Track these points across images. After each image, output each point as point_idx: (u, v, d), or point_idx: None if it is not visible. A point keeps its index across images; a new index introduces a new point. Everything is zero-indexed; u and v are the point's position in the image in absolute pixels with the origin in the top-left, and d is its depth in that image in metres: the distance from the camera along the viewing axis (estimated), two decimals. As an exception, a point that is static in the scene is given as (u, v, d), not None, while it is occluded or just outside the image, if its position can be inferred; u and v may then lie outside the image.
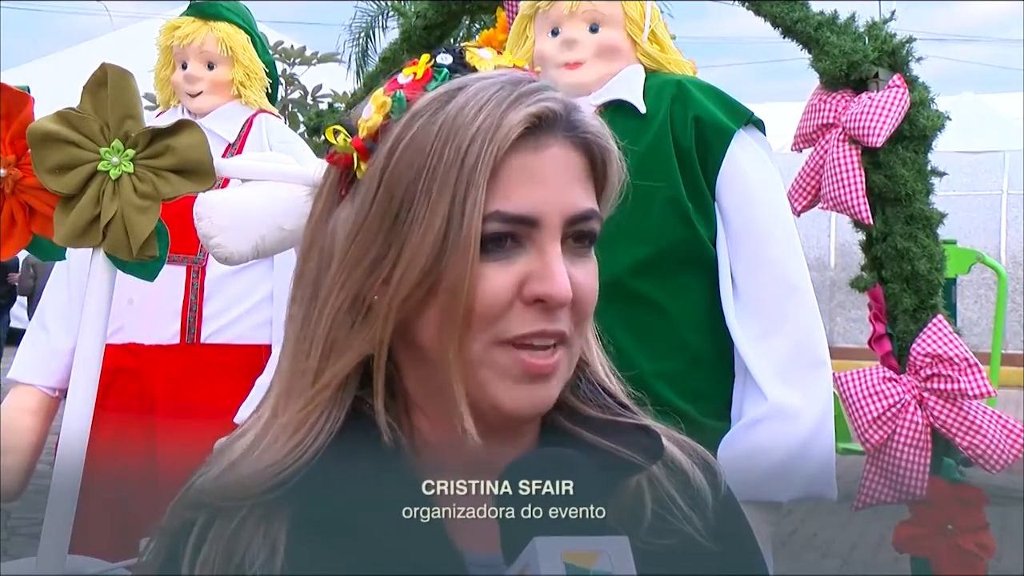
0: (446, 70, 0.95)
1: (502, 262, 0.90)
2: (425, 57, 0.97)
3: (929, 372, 2.58)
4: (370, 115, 0.94)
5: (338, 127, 0.97)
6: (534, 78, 0.94)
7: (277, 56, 7.43)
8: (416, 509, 0.92)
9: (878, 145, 2.60)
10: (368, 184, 0.93)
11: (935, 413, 2.58)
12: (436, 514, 0.92)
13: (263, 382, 2.52)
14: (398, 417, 0.95)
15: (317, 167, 1.94)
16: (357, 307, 0.93)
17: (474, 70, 0.95)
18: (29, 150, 1.89)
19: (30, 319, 2.85)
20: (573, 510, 0.83)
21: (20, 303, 14.10)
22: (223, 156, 2.66)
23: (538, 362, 0.91)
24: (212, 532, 0.93)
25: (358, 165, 0.95)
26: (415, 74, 0.95)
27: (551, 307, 0.90)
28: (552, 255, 0.91)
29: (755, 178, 2.08)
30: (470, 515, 0.94)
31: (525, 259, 0.91)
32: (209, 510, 0.94)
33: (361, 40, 10.30)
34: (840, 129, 2.66)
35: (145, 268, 1.93)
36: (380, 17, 10.24)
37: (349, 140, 0.95)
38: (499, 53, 0.99)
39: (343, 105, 5.02)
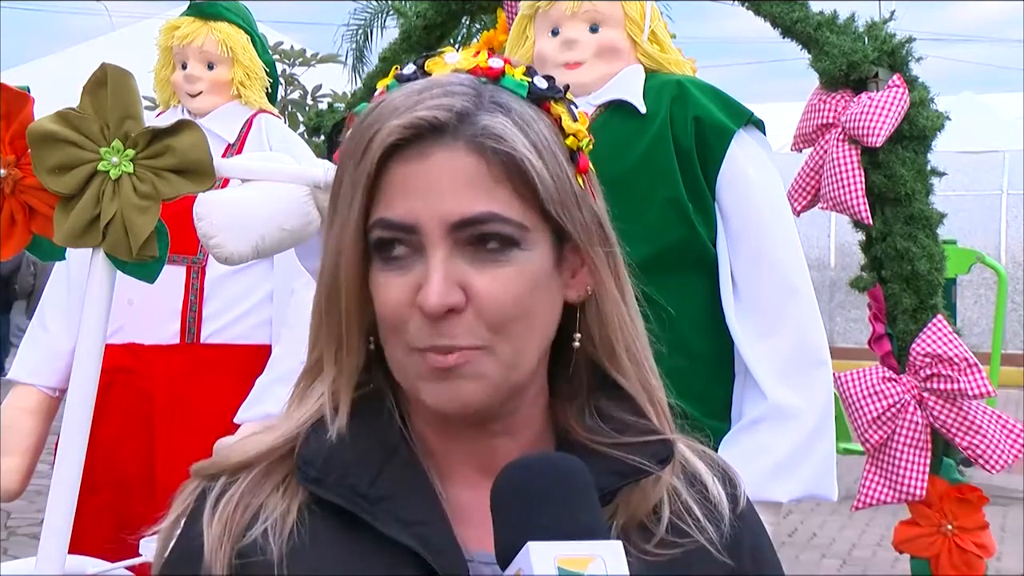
0: (394, 83, 0.97)
1: (400, 271, 0.92)
2: (394, 69, 0.99)
3: (929, 372, 2.58)
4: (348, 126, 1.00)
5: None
6: (449, 83, 0.94)
7: (277, 56, 7.42)
8: (423, 502, 0.93)
9: (878, 145, 2.60)
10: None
11: (935, 413, 2.57)
12: (440, 508, 0.93)
13: (263, 382, 2.52)
14: (404, 411, 0.98)
15: (326, 169, 1.95)
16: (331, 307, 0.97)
17: (429, 76, 0.97)
18: (29, 150, 1.89)
19: (28, 319, 2.85)
20: (570, 513, 0.83)
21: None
22: (223, 156, 2.66)
23: (438, 358, 0.91)
24: (232, 488, 0.95)
25: None
26: (385, 86, 0.98)
27: (429, 317, 0.90)
28: (431, 265, 0.91)
29: (755, 178, 2.08)
30: (473, 513, 0.94)
31: (419, 268, 0.92)
32: (230, 472, 0.97)
33: (359, 39, 10.29)
34: (840, 129, 2.66)
35: (145, 268, 1.93)
36: (379, 17, 10.23)
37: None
38: (475, 55, 0.98)
39: (343, 105, 5.02)
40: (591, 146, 1.00)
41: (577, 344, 0.99)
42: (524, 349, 0.94)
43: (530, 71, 0.97)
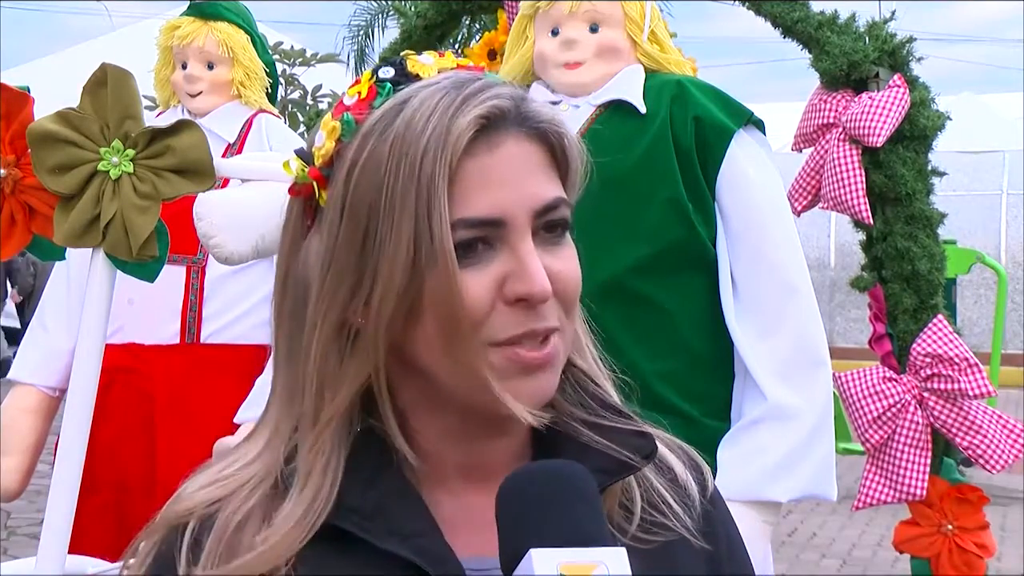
0: (389, 84, 0.93)
1: (476, 267, 0.90)
2: (367, 74, 0.96)
3: (929, 372, 2.58)
4: (322, 142, 0.93)
5: (294, 157, 0.96)
6: (479, 76, 0.93)
7: (277, 56, 7.42)
8: (415, 513, 0.92)
9: (878, 145, 2.60)
10: (332, 212, 0.92)
11: (935, 413, 2.57)
12: (431, 518, 0.92)
13: (263, 382, 2.52)
14: (395, 428, 0.95)
15: None
16: (344, 336, 0.92)
17: (418, 78, 0.94)
18: (29, 150, 1.89)
19: (26, 319, 2.85)
20: (574, 520, 0.83)
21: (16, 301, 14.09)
22: (223, 156, 2.66)
23: (532, 354, 0.91)
24: (215, 529, 0.92)
25: (319, 194, 0.94)
26: (359, 93, 0.94)
27: (533, 304, 0.90)
28: (525, 252, 0.90)
29: (755, 178, 2.08)
30: (468, 520, 0.94)
31: (499, 260, 0.90)
32: (204, 516, 0.93)
33: (360, 39, 10.29)
34: (840, 129, 2.66)
35: (145, 268, 1.93)
36: (379, 16, 10.23)
37: (306, 170, 0.94)
38: (441, 56, 0.97)
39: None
40: None
41: None
42: (572, 333, 0.96)
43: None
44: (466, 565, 0.91)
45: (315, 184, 0.94)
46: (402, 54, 0.97)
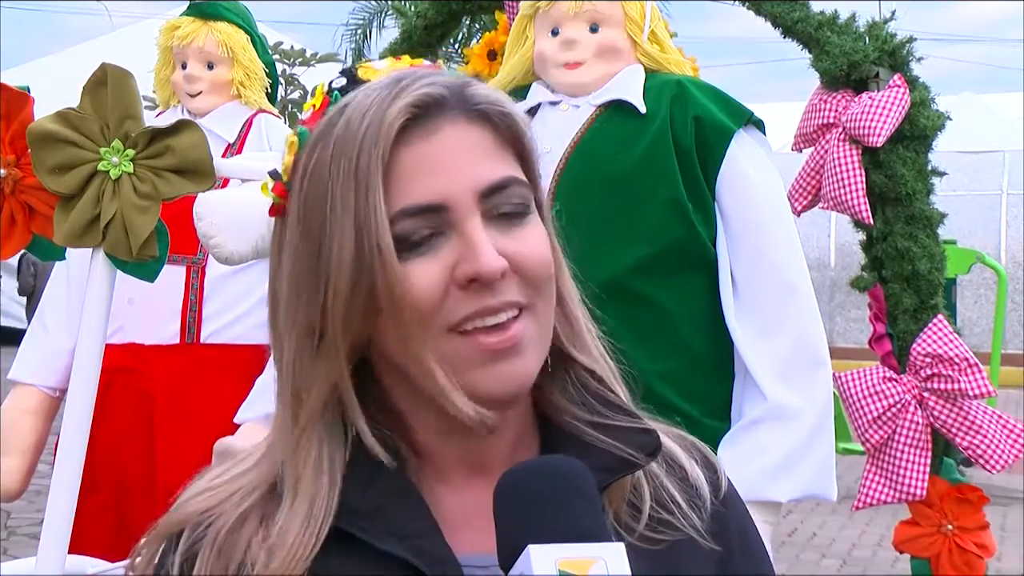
0: (337, 93, 0.95)
1: (426, 256, 0.90)
2: (320, 86, 0.97)
3: (929, 372, 2.58)
4: (284, 157, 0.95)
5: (268, 179, 0.97)
6: (420, 71, 0.93)
7: (277, 56, 7.42)
8: (414, 513, 0.92)
9: (878, 145, 2.60)
10: (291, 222, 0.94)
11: (935, 413, 2.57)
12: (431, 517, 0.92)
13: (263, 382, 2.52)
14: (393, 427, 0.95)
15: None
16: (311, 341, 0.92)
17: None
18: (29, 150, 1.89)
19: (28, 319, 2.85)
20: (572, 515, 0.82)
21: (17, 302, 14.09)
22: (223, 156, 2.66)
23: (494, 339, 0.90)
24: (207, 537, 0.92)
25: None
26: (314, 106, 0.95)
27: (485, 283, 0.89)
28: (472, 232, 0.89)
29: (755, 178, 2.08)
30: (470, 517, 0.94)
31: (449, 246, 0.90)
32: (198, 525, 0.93)
33: (357, 38, 10.29)
34: (840, 129, 2.66)
35: (145, 268, 1.93)
36: (378, 16, 10.24)
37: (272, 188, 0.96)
38: (398, 59, 0.98)
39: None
40: None
41: None
42: (551, 314, 0.94)
43: None
44: (468, 563, 0.91)
45: (282, 201, 0.96)
46: (358, 64, 0.98)
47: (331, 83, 0.96)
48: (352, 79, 0.95)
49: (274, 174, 0.97)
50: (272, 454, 0.95)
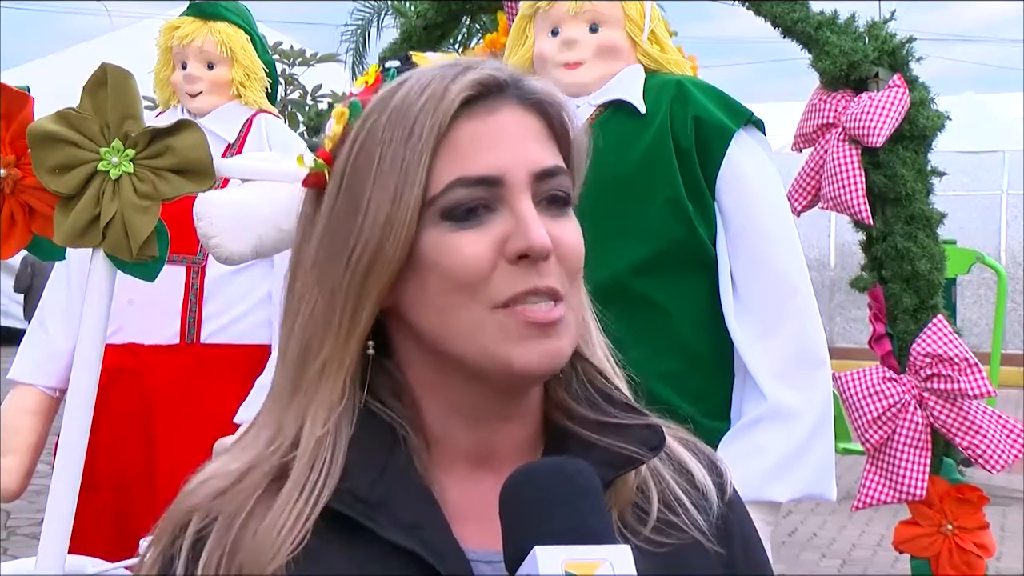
0: (394, 71, 0.97)
1: (477, 228, 0.91)
2: (374, 66, 1.00)
3: (929, 372, 2.58)
4: (331, 128, 0.96)
5: (307, 151, 1.00)
6: (479, 60, 0.96)
7: (277, 56, 7.42)
8: (422, 504, 0.92)
9: (878, 145, 2.60)
10: (333, 183, 0.94)
11: (935, 413, 2.57)
12: (439, 509, 0.92)
13: (263, 382, 2.52)
14: (404, 413, 0.95)
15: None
16: (334, 302, 0.92)
17: None
18: (29, 150, 1.89)
19: (26, 317, 2.85)
20: (578, 517, 0.82)
21: (15, 300, 14.10)
22: (223, 156, 2.66)
23: (539, 314, 0.91)
24: (215, 530, 0.92)
25: (328, 176, 0.96)
26: (367, 82, 0.98)
27: (535, 260, 0.91)
28: (524, 209, 0.91)
29: (755, 178, 2.08)
30: (477, 510, 0.94)
31: (500, 221, 0.91)
32: (208, 511, 0.93)
33: (357, 38, 10.29)
34: (840, 129, 2.66)
35: (145, 268, 1.93)
36: (377, 16, 10.24)
37: (318, 160, 0.96)
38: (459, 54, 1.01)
39: (343, 105, 5.01)
40: None
41: None
42: (580, 306, 0.97)
43: None
44: (475, 557, 0.91)
45: (325, 168, 0.96)
46: (409, 53, 1.00)
47: (385, 62, 0.99)
48: (406, 63, 0.98)
49: (314, 146, 0.98)
50: (275, 436, 0.94)
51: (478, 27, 6.31)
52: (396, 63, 0.98)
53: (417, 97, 0.92)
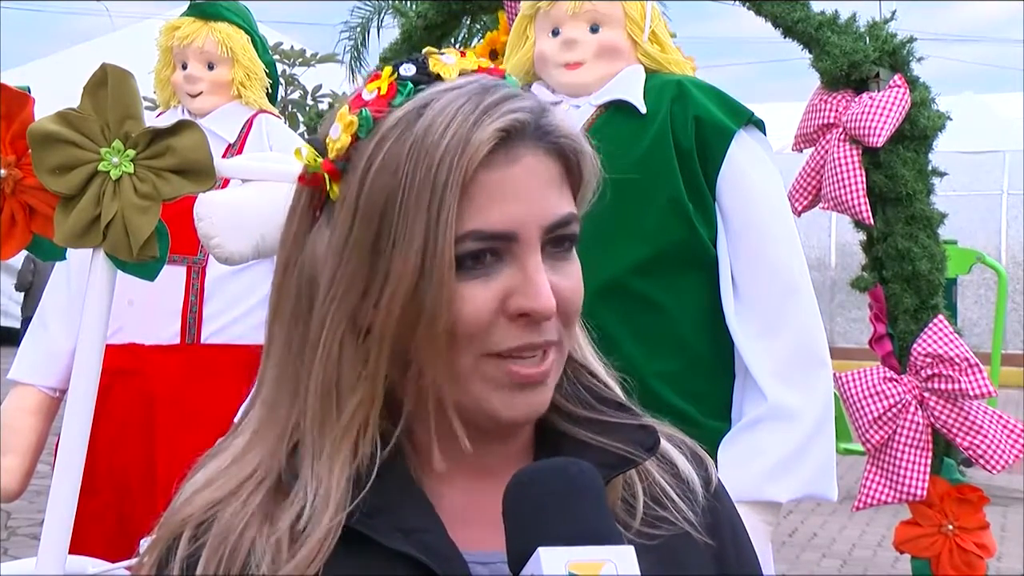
0: (410, 84, 0.92)
1: (482, 279, 0.90)
2: (387, 70, 0.94)
3: (930, 372, 2.58)
4: (338, 135, 0.92)
5: (306, 146, 0.95)
6: (500, 83, 0.93)
7: (277, 56, 7.43)
8: (419, 509, 0.92)
9: (879, 145, 2.60)
10: (344, 210, 0.91)
11: (936, 413, 2.57)
12: (435, 514, 0.92)
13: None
14: (395, 425, 0.95)
15: None
16: (354, 337, 0.91)
17: (439, 78, 0.93)
18: (29, 150, 1.89)
19: (25, 316, 2.85)
20: (581, 518, 0.82)
21: (14, 299, 14.10)
22: (223, 156, 2.66)
23: (528, 371, 0.91)
24: (212, 534, 0.91)
25: (331, 187, 0.93)
26: (379, 89, 0.93)
27: (536, 321, 0.90)
28: (533, 268, 0.90)
29: (755, 178, 2.08)
30: (473, 515, 0.94)
31: (506, 273, 0.90)
32: (202, 520, 0.93)
33: (356, 38, 10.28)
34: (841, 129, 2.66)
35: (145, 268, 1.93)
36: (378, 16, 10.22)
37: (319, 161, 0.93)
38: (463, 55, 0.96)
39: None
40: None
41: None
42: (571, 346, 0.97)
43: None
44: (472, 560, 0.91)
45: (327, 176, 0.93)
46: (424, 51, 0.96)
47: (398, 69, 0.94)
48: (423, 70, 0.93)
49: (316, 145, 0.95)
50: (269, 440, 0.94)
51: (479, 27, 6.31)
52: (411, 69, 0.93)
53: (441, 135, 0.88)
